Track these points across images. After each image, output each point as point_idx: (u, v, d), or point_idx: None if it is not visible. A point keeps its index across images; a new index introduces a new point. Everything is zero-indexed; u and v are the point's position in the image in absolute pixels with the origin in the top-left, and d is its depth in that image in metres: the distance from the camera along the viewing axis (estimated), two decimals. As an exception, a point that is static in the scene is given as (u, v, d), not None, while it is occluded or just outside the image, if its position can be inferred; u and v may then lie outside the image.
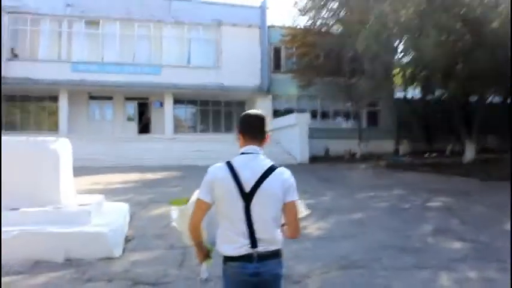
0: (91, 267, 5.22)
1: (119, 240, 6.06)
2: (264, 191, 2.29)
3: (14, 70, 22.82)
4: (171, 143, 22.08)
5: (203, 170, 2.51)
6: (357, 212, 9.09)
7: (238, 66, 25.15)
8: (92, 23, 24.48)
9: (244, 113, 2.57)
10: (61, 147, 6.57)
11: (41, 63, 23.56)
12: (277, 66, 27.33)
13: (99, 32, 24.47)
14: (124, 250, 5.96)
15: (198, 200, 2.37)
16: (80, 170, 14.69)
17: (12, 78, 22.63)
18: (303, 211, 2.58)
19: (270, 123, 26.77)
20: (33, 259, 5.32)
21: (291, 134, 22.61)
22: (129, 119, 26.32)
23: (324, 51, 24.37)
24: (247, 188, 2.29)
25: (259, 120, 2.50)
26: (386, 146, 26.21)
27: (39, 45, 24.24)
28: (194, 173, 12.38)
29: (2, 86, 22.31)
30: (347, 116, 28.34)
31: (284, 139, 23.48)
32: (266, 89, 26.14)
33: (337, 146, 24.84)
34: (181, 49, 25.64)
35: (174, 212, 2.74)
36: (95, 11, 24.08)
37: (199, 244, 2.48)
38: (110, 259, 5.51)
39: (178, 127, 26.18)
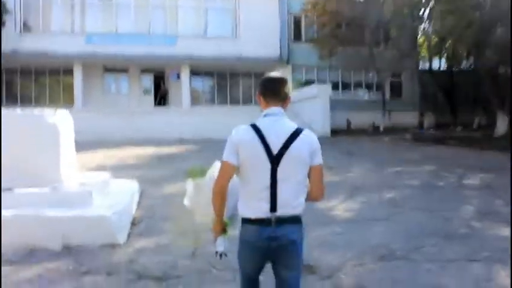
0: (91, 256, 4.59)
1: (124, 224, 5.41)
2: (291, 154, 2.25)
3: (27, 43, 22.27)
4: (188, 116, 21.35)
5: (221, 143, 2.36)
6: (388, 190, 8.27)
7: (256, 36, 24.16)
8: (106, -8, 23.68)
9: (264, 76, 2.53)
10: (61, 121, 5.90)
11: (54, 35, 22.93)
12: (297, 36, 26.19)
13: (112, 1, 23.62)
14: (129, 235, 5.31)
15: (224, 162, 2.28)
16: (94, 144, 14.61)
17: (25, 52, 22.13)
18: None
19: (290, 93, 25.76)
20: (28, 246, 4.72)
21: (312, 106, 21.68)
22: (146, 91, 25.67)
23: (346, 20, 23.22)
24: (275, 150, 2.24)
25: (280, 81, 2.46)
26: (410, 118, 25.18)
27: (51, 17, 23.58)
28: (211, 146, 11.89)
29: (15, 59, 21.91)
30: (369, 87, 27.24)
31: (304, 111, 22.54)
32: (285, 60, 25.13)
33: (359, 119, 23.92)
34: (197, 19, 24.67)
35: (190, 186, 2.43)
36: (109, -20, 23.29)
37: (220, 212, 2.36)
38: (113, 246, 4.87)
39: (195, 99, 25.47)
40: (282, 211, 2.24)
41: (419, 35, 26.47)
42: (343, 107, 23.70)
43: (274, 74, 2.58)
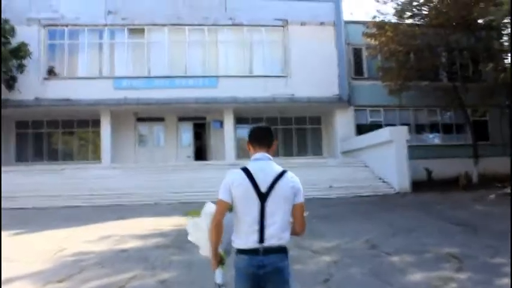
0: None
1: None
2: (277, 193, 2.57)
3: (52, 90, 19.59)
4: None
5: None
6: None
7: (310, 73, 20.51)
8: (136, 31, 20.81)
9: (252, 126, 2.93)
10: None
11: (79, 81, 20.16)
12: (358, 71, 22.29)
13: (144, 41, 20.73)
14: None
15: (220, 200, 2.61)
16: (107, 211, 12.04)
17: (50, 100, 19.42)
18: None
19: (353, 141, 20.96)
20: None
21: (383, 154, 17.48)
22: (184, 143, 22.24)
23: (420, 47, 19.18)
24: (263, 189, 2.56)
25: (265, 131, 2.84)
26: (500, 165, 20.06)
27: (78, 61, 20.89)
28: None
29: (38, 108, 19.30)
30: (446, 129, 22.61)
31: (373, 161, 18.41)
32: (346, 100, 21.18)
33: (442, 168, 19.37)
34: (241, 56, 21.31)
35: (190, 225, 2.80)
36: (139, 18, 20.47)
37: (216, 244, 2.61)
38: None
39: (241, 151, 21.83)
40: (269, 242, 2.53)
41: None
42: (419, 153, 19.34)
43: (261, 124, 2.95)
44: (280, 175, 2.61)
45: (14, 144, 21.36)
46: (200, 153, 22.12)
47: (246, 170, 2.61)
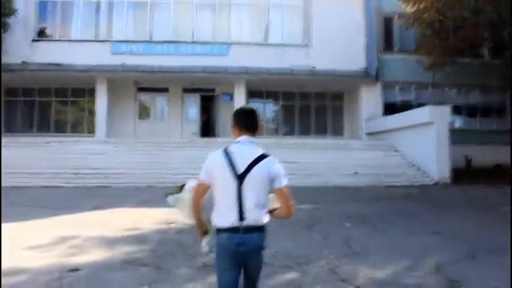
0: None
1: None
2: (253, 175, 2.58)
3: (41, 53, 17.31)
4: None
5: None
6: None
7: (334, 43, 17.95)
8: (138, -11, 18.35)
9: (236, 108, 2.97)
10: None
11: (72, 44, 17.82)
12: (388, 43, 19.59)
13: (147, 0, 18.22)
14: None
15: (199, 181, 2.71)
16: (86, 195, 10.35)
17: (38, 64, 17.14)
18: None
19: (380, 121, 17.99)
20: None
21: (419, 138, 15.08)
22: (190, 117, 19.91)
23: (463, 17, 16.51)
24: (240, 171, 2.57)
25: (251, 114, 2.79)
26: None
27: (71, 22, 18.49)
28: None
29: (25, 72, 17.10)
30: (486, 112, 19.95)
31: (405, 145, 15.98)
32: (373, 75, 18.61)
33: (479, 155, 16.90)
34: (255, 21, 18.79)
35: (171, 198, 2.91)
36: (142, -27, 18.00)
37: (199, 219, 2.76)
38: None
39: (253, 128, 19.51)
40: (247, 221, 2.57)
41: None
42: (458, 138, 16.71)
43: (246, 106, 3.16)
44: (259, 158, 2.62)
45: (3, 113, 19.22)
46: (207, 129, 19.81)
47: (225, 152, 2.64)
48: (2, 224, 6.22)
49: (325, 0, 18.30)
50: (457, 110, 19.22)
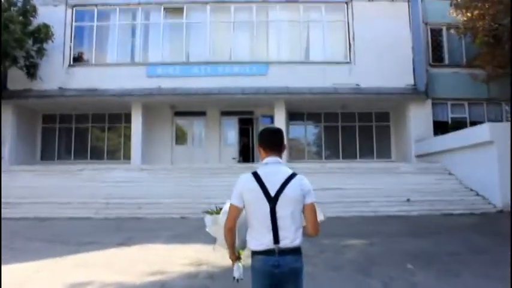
0: None
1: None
2: (286, 195, 2.57)
3: (77, 79, 17.09)
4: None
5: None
6: None
7: (379, 58, 16.91)
8: (174, 10, 17.87)
9: (262, 129, 2.99)
10: None
11: (108, 68, 17.51)
12: (436, 56, 18.34)
13: (182, 21, 17.74)
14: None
15: (231, 205, 2.67)
16: (114, 228, 9.79)
17: (74, 90, 16.91)
18: (320, 215, 2.70)
19: (431, 142, 16.42)
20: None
21: (478, 160, 13.62)
22: (229, 142, 19.14)
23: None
24: (272, 193, 2.57)
25: (275, 134, 2.84)
26: None
27: (107, 46, 18.20)
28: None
29: (61, 98, 16.88)
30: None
31: (461, 168, 14.55)
32: (423, 91, 17.36)
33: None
34: (295, 38, 17.92)
35: (208, 219, 2.95)
36: (178, -5, 17.60)
37: (232, 245, 2.72)
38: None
39: (295, 151, 18.42)
40: (283, 243, 2.55)
41: None
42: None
43: (271, 126, 3.29)
44: (290, 178, 2.62)
45: (40, 140, 19.06)
46: (246, 153, 18.93)
47: (255, 175, 2.63)
48: (8, 266, 5.58)
49: (368, 14, 17.35)
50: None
